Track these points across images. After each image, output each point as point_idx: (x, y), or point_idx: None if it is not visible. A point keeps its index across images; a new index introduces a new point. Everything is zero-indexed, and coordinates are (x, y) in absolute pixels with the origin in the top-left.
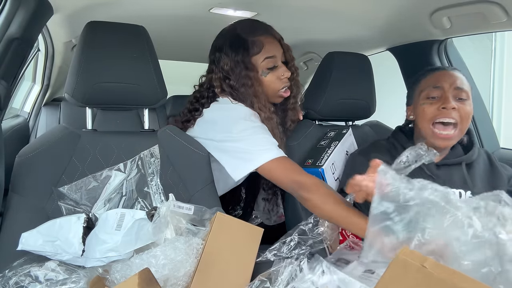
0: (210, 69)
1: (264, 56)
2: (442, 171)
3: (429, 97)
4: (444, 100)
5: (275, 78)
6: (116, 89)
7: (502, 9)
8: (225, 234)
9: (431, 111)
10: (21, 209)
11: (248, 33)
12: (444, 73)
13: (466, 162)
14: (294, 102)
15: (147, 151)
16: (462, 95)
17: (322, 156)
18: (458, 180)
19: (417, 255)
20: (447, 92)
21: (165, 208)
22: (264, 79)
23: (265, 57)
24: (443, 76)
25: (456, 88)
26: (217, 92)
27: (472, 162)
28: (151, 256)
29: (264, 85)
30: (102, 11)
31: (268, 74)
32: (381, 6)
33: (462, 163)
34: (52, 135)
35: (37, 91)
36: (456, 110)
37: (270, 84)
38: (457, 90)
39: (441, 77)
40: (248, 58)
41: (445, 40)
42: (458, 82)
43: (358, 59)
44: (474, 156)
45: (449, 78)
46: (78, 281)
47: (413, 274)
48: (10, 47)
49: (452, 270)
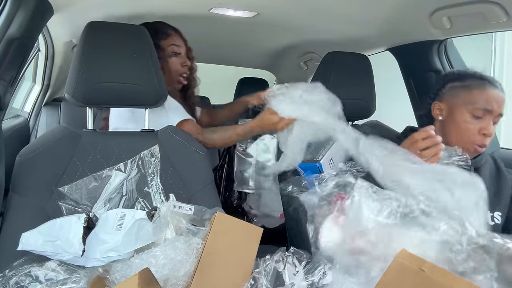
0: None
1: (170, 43)
2: None
3: (476, 116)
4: (488, 125)
5: (178, 63)
6: (116, 89)
7: (502, 9)
8: (225, 234)
9: (473, 133)
10: (21, 209)
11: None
12: (497, 95)
13: (474, 166)
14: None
15: (147, 151)
16: (497, 120)
17: (320, 152)
18: None
19: (415, 258)
20: (494, 118)
21: (165, 208)
22: (169, 60)
23: (171, 43)
24: (496, 98)
25: (499, 115)
26: None
27: (479, 167)
28: (151, 256)
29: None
30: (102, 11)
31: (172, 57)
32: (381, 6)
33: (470, 168)
34: (53, 135)
35: (37, 91)
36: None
37: (173, 65)
38: (499, 117)
39: (493, 98)
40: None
41: (445, 40)
42: (503, 107)
43: (358, 59)
44: (482, 161)
45: (499, 102)
46: (78, 281)
47: (411, 278)
48: (10, 47)
49: (450, 274)
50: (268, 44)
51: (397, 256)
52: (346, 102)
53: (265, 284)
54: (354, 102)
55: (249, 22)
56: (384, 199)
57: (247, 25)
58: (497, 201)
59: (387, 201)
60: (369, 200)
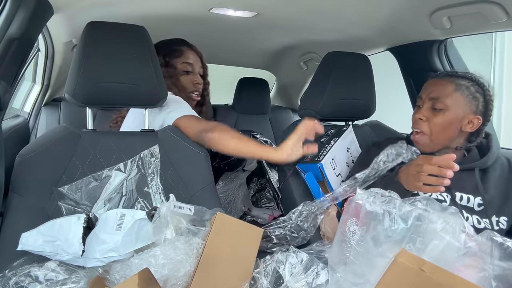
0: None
1: (182, 61)
2: (454, 175)
3: (417, 105)
4: (417, 110)
5: (188, 81)
6: (116, 89)
7: (502, 9)
8: (225, 234)
9: (413, 119)
10: (21, 209)
11: (174, 44)
12: (429, 82)
13: (480, 167)
14: (203, 111)
15: (147, 151)
16: (437, 105)
17: (321, 152)
18: (469, 185)
19: (415, 258)
20: (424, 103)
21: (165, 208)
22: (181, 78)
23: (183, 61)
24: (426, 85)
25: (431, 99)
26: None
27: (487, 168)
28: (151, 256)
29: (180, 82)
30: (102, 11)
31: (182, 76)
32: (381, 6)
33: (475, 169)
34: (53, 135)
35: (37, 91)
36: (426, 121)
37: (184, 84)
38: (433, 101)
39: (425, 86)
40: (169, 59)
41: (445, 40)
42: (436, 92)
43: (358, 59)
44: (490, 161)
45: (429, 87)
46: (78, 281)
47: (411, 278)
48: (10, 47)
49: (451, 274)
50: (268, 44)
51: (397, 256)
52: (346, 102)
53: (265, 284)
54: (354, 102)
55: (249, 22)
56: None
57: (247, 25)
58: (505, 205)
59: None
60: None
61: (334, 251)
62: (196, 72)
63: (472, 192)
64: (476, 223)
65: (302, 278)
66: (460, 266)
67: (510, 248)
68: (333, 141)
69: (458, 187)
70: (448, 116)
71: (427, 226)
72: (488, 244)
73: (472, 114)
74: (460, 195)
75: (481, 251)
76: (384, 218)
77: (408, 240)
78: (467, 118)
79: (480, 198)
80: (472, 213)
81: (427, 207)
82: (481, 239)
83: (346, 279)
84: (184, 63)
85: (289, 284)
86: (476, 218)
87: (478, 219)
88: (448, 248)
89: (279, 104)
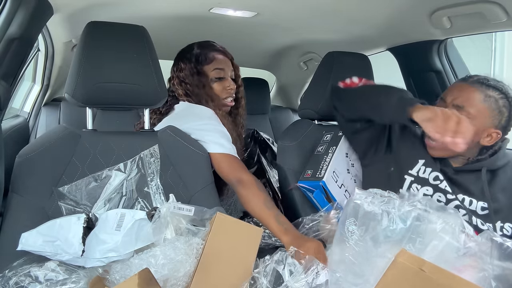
0: (171, 77)
1: (214, 67)
2: (460, 177)
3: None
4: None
5: (221, 87)
6: (116, 89)
7: (502, 9)
8: (225, 234)
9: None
10: (21, 209)
11: (203, 49)
12: (456, 86)
13: (488, 168)
14: (239, 114)
15: (147, 151)
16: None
17: (321, 165)
18: (475, 188)
19: (415, 258)
20: (447, 107)
21: (165, 208)
22: (213, 85)
23: (214, 68)
24: (452, 89)
25: (455, 105)
26: (178, 96)
27: (496, 170)
28: (151, 256)
29: (213, 91)
30: (102, 11)
31: (215, 83)
32: (381, 6)
33: (482, 169)
34: (52, 135)
35: (37, 91)
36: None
37: (217, 91)
38: (457, 108)
39: (451, 90)
40: (200, 67)
41: (445, 40)
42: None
43: (358, 59)
44: (499, 162)
45: (455, 92)
46: (78, 281)
47: (411, 278)
48: (10, 47)
49: (450, 274)
50: (268, 44)
51: (397, 256)
52: None
53: (265, 284)
54: None
55: (249, 22)
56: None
57: (247, 25)
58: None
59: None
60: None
61: (333, 251)
62: (227, 76)
63: (476, 196)
64: (480, 225)
65: (302, 278)
66: (460, 266)
67: (510, 248)
68: (331, 151)
69: (464, 190)
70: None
71: (426, 226)
72: (487, 244)
73: (493, 128)
74: (463, 197)
75: (480, 251)
76: (383, 218)
77: (407, 240)
78: (487, 131)
79: (484, 202)
80: (475, 215)
81: (427, 207)
82: (481, 239)
83: (345, 279)
84: (216, 69)
85: (289, 284)
86: (479, 221)
87: (482, 222)
88: (447, 248)
89: (279, 104)
